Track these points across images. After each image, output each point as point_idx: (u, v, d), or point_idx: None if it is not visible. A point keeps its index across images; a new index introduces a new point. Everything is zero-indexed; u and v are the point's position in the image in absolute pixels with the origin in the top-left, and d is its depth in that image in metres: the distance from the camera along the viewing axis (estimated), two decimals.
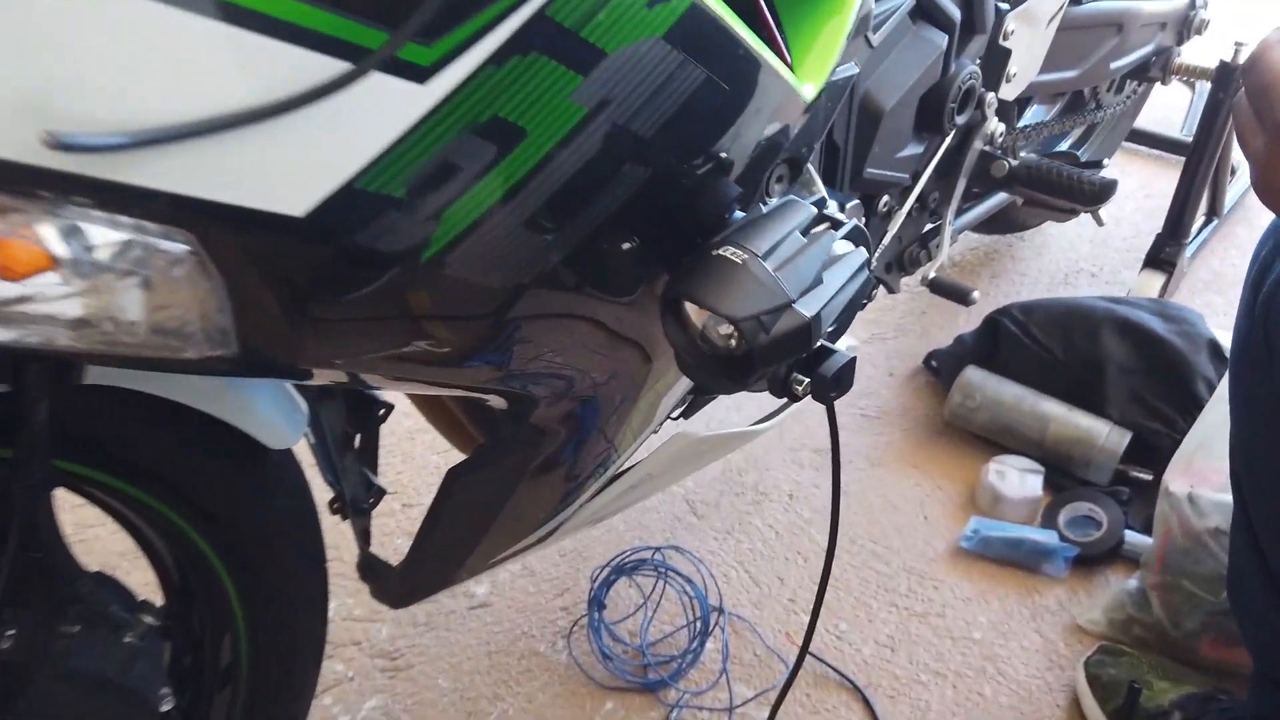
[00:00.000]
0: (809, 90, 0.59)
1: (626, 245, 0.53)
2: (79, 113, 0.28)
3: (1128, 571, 1.10)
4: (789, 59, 0.61)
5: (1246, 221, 1.71)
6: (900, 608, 1.08)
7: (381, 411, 0.91)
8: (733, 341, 0.45)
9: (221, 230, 0.33)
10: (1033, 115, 1.40)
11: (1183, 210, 1.42)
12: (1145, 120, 1.76)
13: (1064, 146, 1.49)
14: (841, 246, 0.49)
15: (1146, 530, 1.12)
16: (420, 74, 0.35)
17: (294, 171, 0.34)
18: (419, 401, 0.88)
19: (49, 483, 0.51)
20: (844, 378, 0.50)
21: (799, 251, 0.46)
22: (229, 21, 0.29)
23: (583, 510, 0.84)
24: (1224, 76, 1.33)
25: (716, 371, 0.47)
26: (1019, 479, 1.19)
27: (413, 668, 1.03)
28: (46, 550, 0.51)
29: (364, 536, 0.90)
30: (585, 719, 0.98)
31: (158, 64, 0.29)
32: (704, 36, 0.46)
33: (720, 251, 0.45)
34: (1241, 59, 1.33)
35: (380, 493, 0.92)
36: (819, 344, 0.48)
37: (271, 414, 0.66)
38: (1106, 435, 1.19)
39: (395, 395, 0.95)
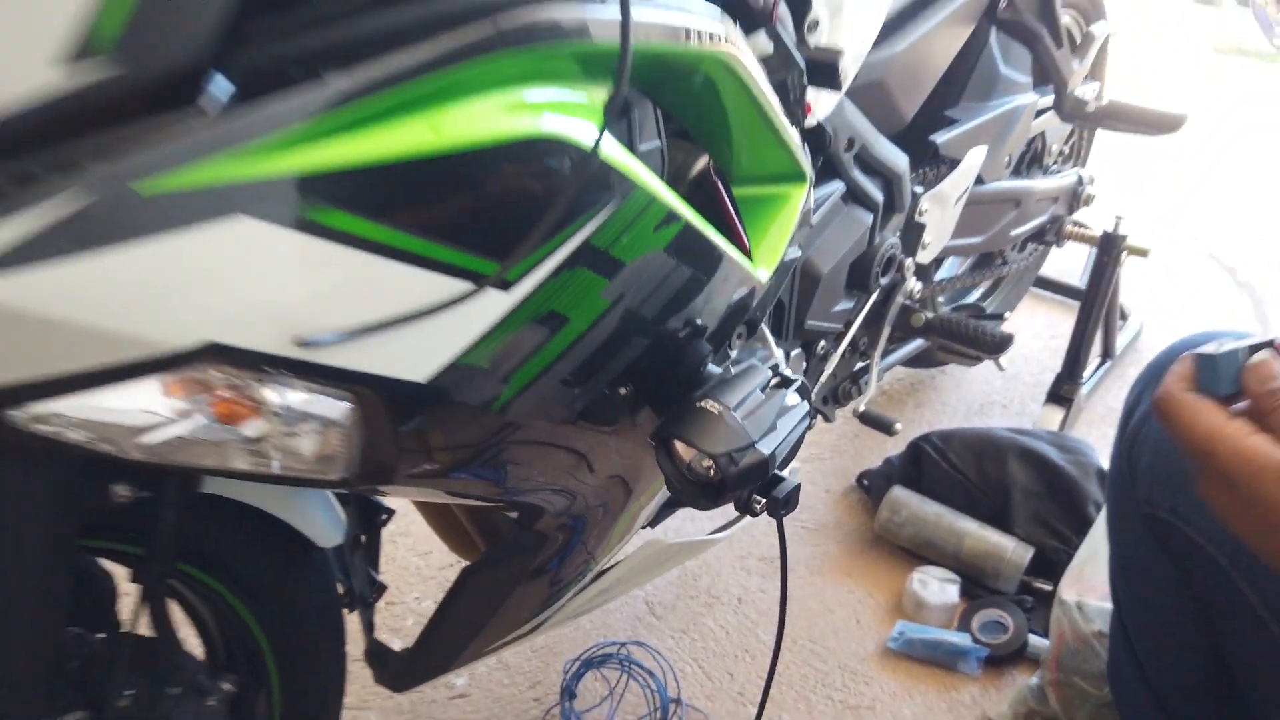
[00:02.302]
0: (763, 274, 0.76)
1: (624, 390, 0.69)
2: (310, 324, 0.44)
3: (1030, 670, 1.26)
4: (748, 245, 0.79)
5: (1138, 363, 1.94)
6: (835, 701, 1.22)
7: (384, 516, 1.04)
8: (711, 472, 0.60)
9: (373, 391, 0.48)
10: (949, 266, 1.62)
11: (1077, 354, 1.64)
12: (1051, 270, 2.01)
13: (975, 295, 1.72)
14: (791, 399, 0.66)
15: (1047, 634, 1.28)
16: (506, 285, 0.51)
17: (421, 352, 0.49)
18: (429, 514, 1.01)
19: (170, 574, 0.64)
20: (791, 499, 0.65)
21: (760, 405, 0.62)
22: (402, 261, 0.45)
23: (564, 609, 0.97)
24: (1106, 243, 1.57)
25: (698, 494, 0.62)
26: (939, 588, 1.34)
27: None
28: (161, 629, 0.64)
29: (369, 627, 1.02)
30: None
31: (353, 291, 0.45)
32: (692, 247, 0.63)
33: (702, 404, 0.61)
34: (1121, 230, 1.57)
35: (381, 589, 1.05)
36: (773, 474, 0.64)
37: (322, 518, 0.79)
38: (1012, 550, 1.36)
39: (396, 501, 1.08)
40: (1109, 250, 1.56)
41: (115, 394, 0.42)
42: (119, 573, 0.72)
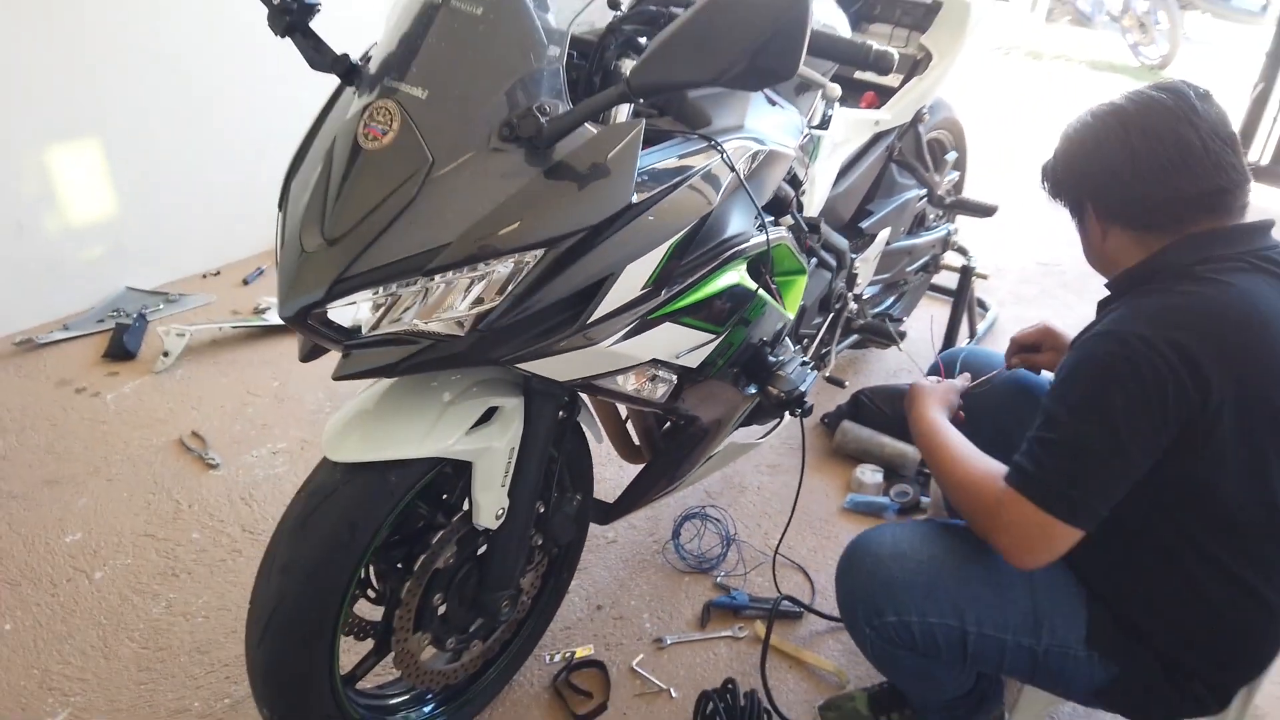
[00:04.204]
0: (789, 316, 1.74)
1: (735, 370, 1.66)
2: (678, 349, 1.40)
3: (920, 514, 2.28)
4: (783, 302, 1.77)
5: (993, 341, 2.99)
6: (818, 533, 2.23)
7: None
8: (783, 397, 1.57)
9: (684, 371, 1.45)
10: (873, 289, 2.63)
11: (951, 335, 2.66)
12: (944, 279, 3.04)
13: (889, 302, 2.73)
14: (810, 374, 1.63)
15: (928, 494, 2.31)
16: (720, 335, 1.48)
17: (696, 357, 1.45)
18: (611, 433, 1.97)
19: (561, 447, 1.61)
20: (809, 410, 1.62)
21: (799, 373, 1.60)
22: (698, 330, 1.41)
23: (683, 483, 1.94)
24: (963, 272, 2.60)
25: (777, 408, 1.60)
26: (871, 475, 2.36)
27: (588, 569, 2.10)
28: (560, 472, 1.60)
29: None
30: (676, 584, 2.07)
31: (686, 340, 1.41)
32: (770, 310, 1.60)
33: (779, 373, 1.58)
34: (972, 263, 2.60)
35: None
36: (804, 399, 1.62)
37: (598, 429, 1.75)
38: (911, 453, 2.38)
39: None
40: (965, 276, 2.60)
41: (626, 378, 1.38)
42: None
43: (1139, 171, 1.26)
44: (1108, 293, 1.39)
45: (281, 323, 2.98)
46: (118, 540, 2.13)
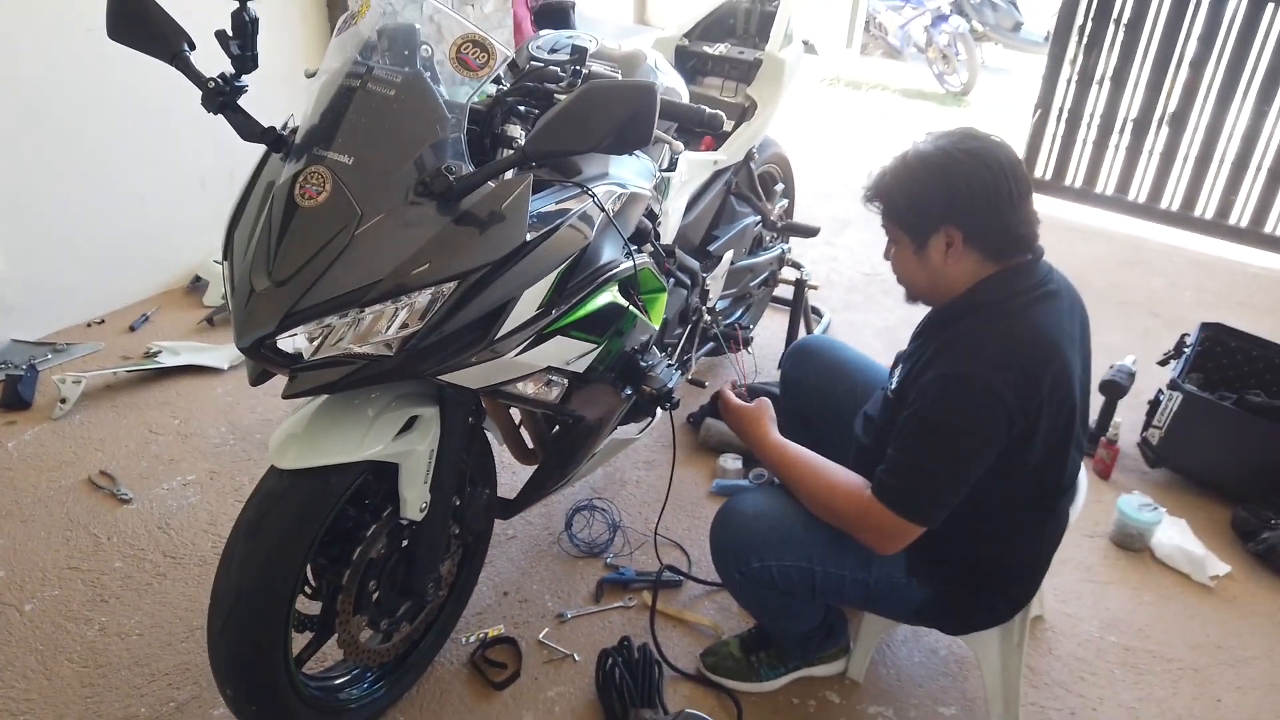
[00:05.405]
0: (655, 326, 2.08)
1: (612, 375, 1.99)
2: (566, 358, 1.71)
3: None
4: (649, 315, 2.11)
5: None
6: (690, 514, 2.57)
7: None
8: (655, 394, 1.89)
9: (573, 376, 1.75)
10: (724, 302, 3.01)
11: (792, 339, 3.07)
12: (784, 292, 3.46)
13: (739, 312, 3.13)
14: (675, 374, 1.96)
15: None
16: (600, 344, 1.79)
17: (582, 364, 1.76)
18: (507, 436, 2.26)
19: (471, 447, 1.89)
20: (677, 404, 1.96)
21: (666, 374, 1.93)
22: (581, 341, 1.72)
23: (572, 477, 2.25)
24: (797, 284, 3.01)
25: (652, 404, 1.93)
26: (733, 462, 2.73)
27: (493, 562, 2.37)
28: (474, 470, 1.88)
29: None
30: (572, 568, 2.37)
31: (572, 351, 1.71)
32: (639, 322, 1.93)
33: (650, 374, 1.91)
34: (805, 276, 3.02)
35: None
36: (672, 394, 1.95)
37: (497, 432, 2.05)
38: None
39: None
40: (799, 288, 3.02)
41: (526, 384, 1.68)
42: None
43: (1012, 205, 1.49)
44: (922, 313, 1.73)
45: (174, 365, 3.14)
46: (42, 575, 2.26)
